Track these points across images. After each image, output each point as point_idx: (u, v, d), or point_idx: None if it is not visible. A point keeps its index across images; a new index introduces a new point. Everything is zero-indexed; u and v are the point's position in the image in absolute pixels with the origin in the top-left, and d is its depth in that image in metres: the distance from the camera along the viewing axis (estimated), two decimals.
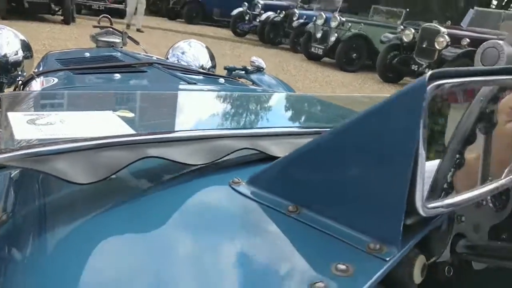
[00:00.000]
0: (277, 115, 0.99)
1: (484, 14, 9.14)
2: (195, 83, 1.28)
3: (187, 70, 1.60)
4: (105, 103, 0.82)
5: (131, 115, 0.73)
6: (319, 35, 9.78)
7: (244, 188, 0.54)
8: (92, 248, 0.46)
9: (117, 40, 2.19)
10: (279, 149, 0.58)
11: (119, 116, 0.70)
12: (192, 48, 2.50)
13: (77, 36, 7.75)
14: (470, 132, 0.57)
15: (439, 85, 0.40)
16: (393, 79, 8.55)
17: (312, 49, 9.91)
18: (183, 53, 2.45)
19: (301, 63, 9.72)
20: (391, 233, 0.41)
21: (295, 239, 0.47)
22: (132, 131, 0.66)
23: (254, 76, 2.60)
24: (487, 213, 0.90)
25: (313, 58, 10.08)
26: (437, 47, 7.34)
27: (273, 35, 12.04)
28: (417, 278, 0.49)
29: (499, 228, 0.92)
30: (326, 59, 10.10)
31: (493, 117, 0.59)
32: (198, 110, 0.87)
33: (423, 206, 0.41)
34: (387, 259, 0.41)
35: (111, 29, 2.23)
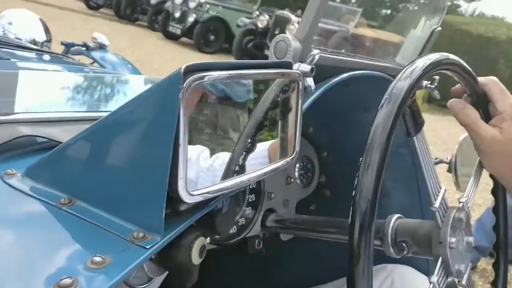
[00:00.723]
0: (83, 98, 0.92)
1: (328, 7, 9.95)
2: (8, 59, 1.14)
3: (5, 44, 1.41)
4: None
5: None
6: (177, 14, 9.64)
7: (16, 181, 0.50)
8: None
9: None
10: (69, 137, 0.54)
11: None
12: (22, 19, 2.23)
13: None
14: (263, 119, 0.61)
15: (197, 78, 0.41)
16: None
17: (170, 28, 9.74)
18: (10, 23, 2.18)
19: (158, 41, 9.48)
20: (154, 221, 0.42)
21: (60, 233, 0.45)
22: None
23: (96, 54, 2.44)
24: (295, 189, 0.99)
25: (171, 37, 9.92)
26: (288, 34, 7.78)
27: (130, 11, 11.50)
28: (196, 259, 0.51)
29: (307, 201, 1.03)
30: (184, 39, 10.02)
31: (288, 103, 0.64)
32: None
33: (187, 193, 0.42)
34: (148, 247, 0.41)
35: None
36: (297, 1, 14.03)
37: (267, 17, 8.65)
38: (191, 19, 9.39)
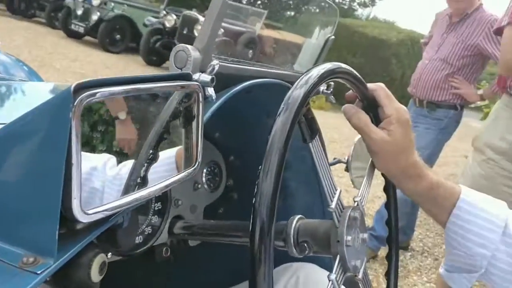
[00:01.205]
0: None
1: (236, 8, 10.10)
2: None
3: None
4: None
5: None
6: (80, 12, 9.14)
7: None
8: None
9: None
10: None
11: None
12: None
13: None
14: (164, 129, 0.60)
15: (88, 95, 0.40)
16: (156, 62, 8.70)
17: (73, 27, 9.21)
18: None
19: (59, 40, 8.91)
20: (47, 244, 0.40)
21: None
22: None
23: None
24: (203, 194, 0.99)
25: (74, 36, 9.38)
26: (196, 34, 7.74)
27: (25, 6, 10.65)
28: (95, 277, 0.49)
29: (216, 204, 1.03)
30: (88, 38, 9.53)
31: (189, 113, 0.63)
32: None
33: (82, 212, 0.41)
34: (39, 272, 0.39)
35: None
36: (204, 2, 14.00)
37: (175, 16, 8.53)
38: (95, 17, 8.95)
